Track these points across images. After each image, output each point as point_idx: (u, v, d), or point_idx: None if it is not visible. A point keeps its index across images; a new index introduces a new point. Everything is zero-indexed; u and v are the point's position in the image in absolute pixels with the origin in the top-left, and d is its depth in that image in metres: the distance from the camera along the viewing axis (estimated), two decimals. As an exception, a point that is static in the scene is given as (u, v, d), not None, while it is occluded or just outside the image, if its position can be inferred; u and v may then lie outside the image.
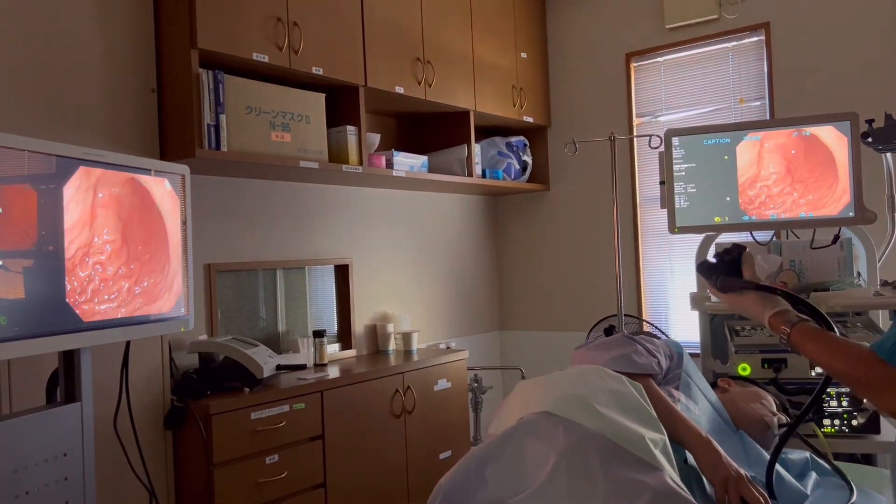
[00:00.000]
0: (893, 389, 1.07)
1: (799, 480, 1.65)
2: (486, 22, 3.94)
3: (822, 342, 1.24)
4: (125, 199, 1.94)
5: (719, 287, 1.49)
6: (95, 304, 1.83)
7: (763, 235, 2.52)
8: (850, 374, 1.17)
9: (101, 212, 1.85)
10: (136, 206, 1.98)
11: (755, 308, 1.42)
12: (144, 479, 2.32)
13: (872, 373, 1.10)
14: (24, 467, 1.71)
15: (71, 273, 1.75)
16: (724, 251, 1.53)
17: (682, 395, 1.71)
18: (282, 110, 2.84)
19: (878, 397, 1.11)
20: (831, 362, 1.20)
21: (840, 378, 1.20)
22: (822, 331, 1.27)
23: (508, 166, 4.13)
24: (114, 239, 1.89)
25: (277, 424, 2.65)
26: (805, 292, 2.51)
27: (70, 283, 1.75)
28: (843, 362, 1.17)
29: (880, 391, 1.09)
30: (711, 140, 2.38)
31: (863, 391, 1.15)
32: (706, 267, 1.54)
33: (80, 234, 1.78)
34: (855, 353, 1.15)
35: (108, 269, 1.87)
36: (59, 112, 2.40)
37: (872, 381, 1.11)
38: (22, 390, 2.17)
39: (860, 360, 1.13)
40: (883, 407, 1.11)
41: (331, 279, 3.58)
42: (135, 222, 1.97)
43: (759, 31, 3.71)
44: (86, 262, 1.80)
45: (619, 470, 1.31)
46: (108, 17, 2.53)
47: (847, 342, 1.20)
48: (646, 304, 4.14)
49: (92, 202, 1.83)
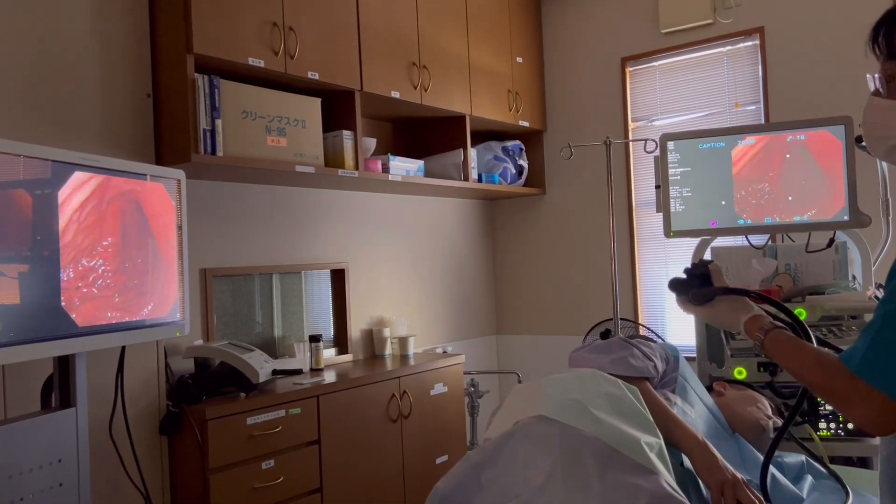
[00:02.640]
0: (861, 402, 1.04)
1: (795, 484, 1.65)
2: (482, 26, 3.95)
3: (794, 350, 1.21)
4: (120, 204, 1.93)
5: (692, 299, 1.49)
6: (90, 310, 1.82)
7: (758, 239, 2.53)
8: (819, 385, 1.14)
9: (96, 217, 1.85)
10: (132, 211, 1.97)
11: (730, 315, 1.40)
12: (140, 485, 2.32)
13: (840, 384, 1.07)
14: (18, 473, 1.71)
15: (66, 278, 1.74)
16: (692, 266, 1.54)
17: (678, 398, 1.71)
18: (277, 115, 2.84)
19: (846, 410, 1.07)
20: (801, 371, 1.18)
21: (810, 388, 1.17)
22: (795, 339, 1.24)
23: (504, 171, 4.14)
24: (109, 244, 1.89)
25: (273, 429, 2.64)
26: (800, 296, 2.51)
27: (65, 288, 1.74)
28: (813, 372, 1.14)
29: (850, 404, 1.06)
30: (706, 144, 2.39)
31: (832, 402, 1.12)
32: (677, 283, 1.54)
33: (75, 239, 1.78)
34: (824, 363, 1.12)
35: (103, 275, 1.86)
36: (54, 117, 2.40)
37: (840, 392, 1.08)
38: (16, 396, 2.16)
39: (829, 372, 1.10)
40: (852, 419, 1.07)
41: (327, 284, 3.58)
42: (130, 227, 1.96)
43: (754, 36, 3.72)
44: (81, 268, 1.79)
45: (616, 474, 1.31)
46: (104, 22, 2.53)
47: (819, 352, 1.17)
48: (642, 308, 4.15)
49: (88, 208, 1.82)
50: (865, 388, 1.02)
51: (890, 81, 1.14)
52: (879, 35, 1.15)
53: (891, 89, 1.15)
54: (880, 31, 1.14)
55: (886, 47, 1.14)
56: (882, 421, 1.02)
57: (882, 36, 1.14)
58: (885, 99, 1.15)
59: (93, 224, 1.84)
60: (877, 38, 1.15)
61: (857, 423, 1.07)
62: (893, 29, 1.13)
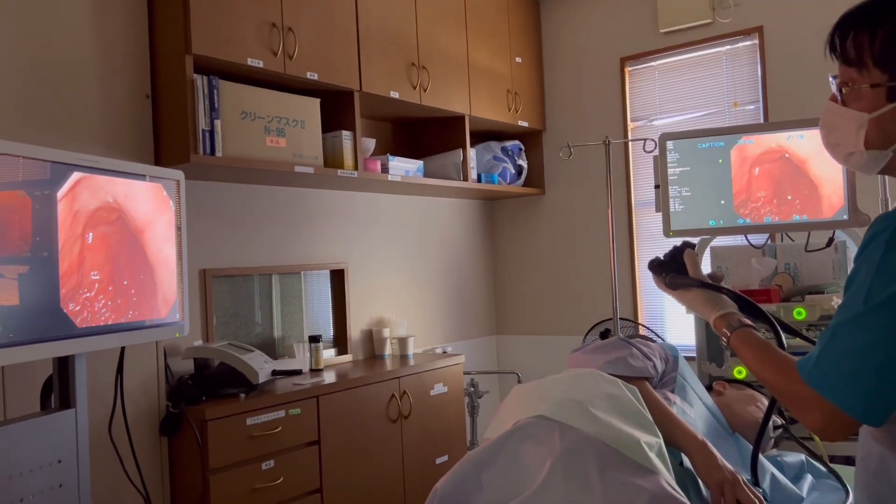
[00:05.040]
0: (811, 409, 1.03)
1: (794, 483, 1.65)
2: (481, 27, 3.95)
3: (757, 352, 1.21)
4: (120, 205, 1.93)
5: (668, 284, 1.49)
6: (90, 311, 1.82)
7: (758, 238, 2.53)
8: (775, 388, 1.14)
9: (95, 218, 1.85)
10: (131, 213, 1.97)
11: (703, 307, 1.40)
12: (140, 485, 2.32)
13: (795, 389, 1.07)
14: (18, 474, 1.71)
15: (65, 279, 1.74)
16: (673, 249, 1.53)
17: (677, 398, 1.71)
18: (277, 115, 2.84)
19: (799, 415, 1.07)
20: (761, 373, 1.18)
21: (769, 390, 1.17)
22: (760, 340, 1.23)
23: (504, 170, 4.14)
24: (108, 245, 1.88)
25: (273, 430, 2.64)
26: (800, 295, 2.51)
27: (64, 290, 1.74)
28: (771, 375, 1.14)
29: (802, 410, 1.06)
30: (706, 144, 2.39)
31: (788, 406, 1.11)
32: (656, 264, 1.54)
33: (74, 240, 1.78)
34: (782, 367, 1.12)
35: (102, 276, 1.86)
36: (53, 118, 2.40)
37: (794, 397, 1.07)
38: (16, 397, 2.16)
39: (785, 376, 1.10)
40: (804, 424, 1.07)
41: (326, 284, 3.58)
42: (129, 229, 1.96)
43: (753, 35, 3.72)
44: (80, 269, 1.79)
45: (616, 474, 1.31)
46: (103, 22, 2.53)
47: (779, 355, 1.16)
48: (641, 308, 4.15)
49: (87, 208, 1.82)
50: (815, 396, 1.03)
51: (844, 87, 1.14)
52: (835, 40, 1.14)
53: (845, 95, 1.14)
54: (835, 36, 1.14)
55: (841, 53, 1.13)
56: (829, 429, 1.03)
57: (837, 41, 1.13)
58: (840, 106, 1.14)
59: (92, 224, 1.84)
60: (833, 44, 1.14)
61: (808, 428, 1.08)
62: (846, 34, 1.12)
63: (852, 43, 1.11)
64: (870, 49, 1.09)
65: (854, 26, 1.11)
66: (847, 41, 1.12)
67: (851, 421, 1.01)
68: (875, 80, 1.09)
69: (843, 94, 1.14)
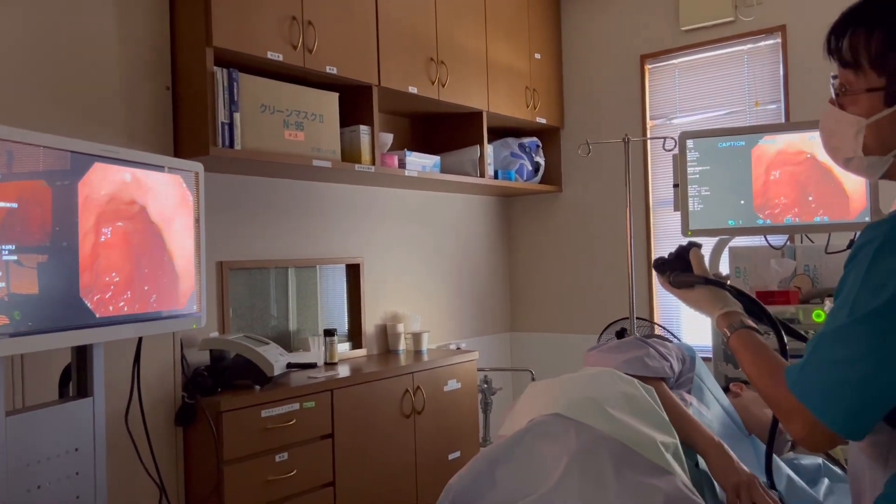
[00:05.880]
0: (795, 418, 1.02)
1: (811, 486, 1.64)
2: (501, 22, 3.94)
3: (753, 354, 1.18)
4: (139, 197, 1.95)
5: (672, 282, 1.48)
6: (108, 300, 1.83)
7: (777, 239, 2.50)
8: (764, 393, 1.12)
9: (115, 209, 1.86)
10: (150, 204, 1.98)
11: (707, 305, 1.38)
12: (155, 475, 2.33)
13: (780, 396, 1.05)
14: (36, 461, 1.72)
15: (85, 269, 1.75)
16: (679, 248, 1.52)
17: (694, 399, 1.70)
18: (295, 109, 2.85)
19: (784, 422, 1.06)
20: (753, 377, 1.16)
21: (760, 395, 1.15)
22: (758, 342, 1.21)
23: (521, 167, 4.12)
24: (127, 236, 1.90)
25: (287, 423, 2.65)
26: (819, 297, 2.49)
27: (84, 279, 1.75)
28: (762, 379, 1.12)
29: (786, 417, 1.05)
30: (726, 143, 2.37)
31: (775, 413, 1.09)
32: (660, 262, 1.52)
33: (94, 230, 1.79)
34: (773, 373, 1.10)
35: (121, 266, 1.88)
36: (75, 109, 2.41)
37: (779, 405, 1.06)
38: (35, 385, 2.18)
39: (774, 382, 1.08)
40: (787, 431, 1.05)
41: (342, 278, 3.59)
42: (148, 220, 1.98)
43: (776, 34, 3.69)
44: (99, 259, 1.80)
45: (631, 474, 1.31)
46: (125, 15, 2.55)
47: (773, 359, 1.14)
48: (657, 307, 4.12)
49: (107, 199, 1.83)
50: (798, 405, 1.02)
51: (842, 90, 1.10)
52: (831, 43, 1.10)
53: (843, 99, 1.11)
54: (832, 37, 1.10)
55: (838, 55, 1.09)
56: (810, 438, 1.02)
57: (834, 44, 1.10)
58: (838, 109, 1.11)
59: (112, 215, 1.85)
60: (830, 47, 1.11)
61: (790, 435, 1.06)
62: (841, 37, 1.08)
63: (848, 44, 1.07)
64: (866, 50, 1.05)
65: (851, 27, 1.08)
66: (843, 42, 1.08)
67: (832, 433, 0.99)
68: (872, 84, 1.05)
69: (840, 97, 1.11)
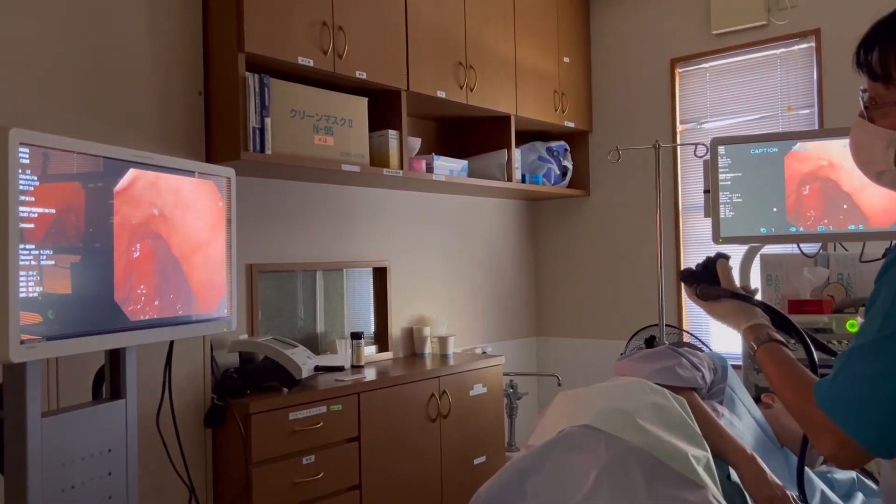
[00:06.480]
0: (824, 435, 1.01)
1: (845, 501, 1.61)
2: (529, 26, 3.93)
3: (780, 368, 1.17)
4: (174, 201, 1.97)
5: (699, 295, 1.46)
6: (142, 304, 1.86)
7: (810, 248, 2.47)
8: (792, 409, 1.11)
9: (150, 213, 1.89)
10: (185, 208, 2.01)
11: (733, 317, 1.37)
12: (184, 475, 2.36)
13: (809, 412, 1.04)
14: (70, 462, 1.75)
15: (120, 273, 1.78)
16: (706, 259, 1.51)
17: (725, 409, 1.68)
18: (325, 114, 2.86)
19: (813, 438, 1.04)
20: (780, 392, 1.15)
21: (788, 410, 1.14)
22: (785, 356, 1.20)
23: (549, 171, 4.11)
24: (162, 240, 1.92)
25: (315, 425, 2.67)
26: (853, 307, 2.45)
27: (118, 282, 1.78)
28: (789, 395, 1.11)
29: (816, 433, 1.03)
30: (759, 149, 2.34)
31: (804, 429, 1.08)
32: (688, 274, 1.51)
33: (128, 233, 1.82)
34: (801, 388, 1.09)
35: (155, 270, 1.90)
36: (110, 115, 2.45)
37: (809, 420, 1.05)
38: (70, 386, 2.22)
39: (802, 397, 1.07)
40: (817, 448, 1.04)
41: (369, 281, 3.60)
42: (182, 224, 2.00)
43: (810, 38, 3.63)
44: (134, 262, 1.83)
45: (662, 487, 1.30)
46: (158, 21, 2.58)
47: (800, 374, 1.13)
48: (686, 315, 4.08)
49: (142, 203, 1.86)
50: (828, 421, 1.00)
51: (871, 103, 1.09)
52: (860, 56, 1.09)
53: (872, 112, 1.09)
54: (861, 50, 1.09)
55: (867, 68, 1.08)
56: (841, 455, 1.01)
57: (863, 56, 1.08)
58: (868, 122, 1.10)
59: (147, 219, 1.87)
60: (859, 59, 1.09)
61: (820, 452, 1.05)
62: (871, 50, 1.07)
63: (878, 57, 1.06)
64: None
65: (880, 39, 1.06)
66: (872, 55, 1.07)
67: (863, 450, 0.98)
68: None
69: (870, 110, 1.10)
